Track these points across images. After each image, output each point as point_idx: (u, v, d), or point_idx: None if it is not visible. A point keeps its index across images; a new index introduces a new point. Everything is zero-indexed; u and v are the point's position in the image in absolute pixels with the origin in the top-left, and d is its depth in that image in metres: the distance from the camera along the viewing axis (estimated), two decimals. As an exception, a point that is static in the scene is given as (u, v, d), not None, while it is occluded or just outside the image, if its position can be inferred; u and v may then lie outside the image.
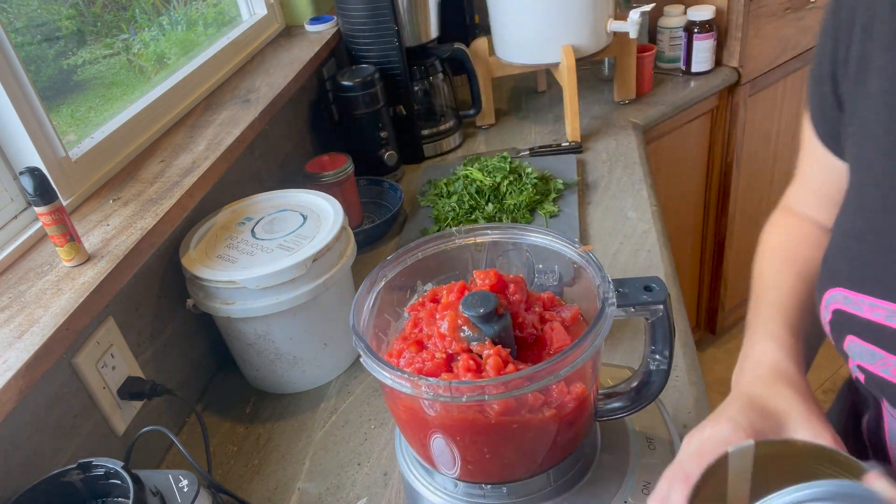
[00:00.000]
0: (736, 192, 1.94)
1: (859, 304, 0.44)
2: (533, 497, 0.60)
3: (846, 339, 0.46)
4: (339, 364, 0.97)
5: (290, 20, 1.57)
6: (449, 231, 0.65)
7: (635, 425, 0.67)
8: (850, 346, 0.46)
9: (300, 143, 1.39)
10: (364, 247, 1.23)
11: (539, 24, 1.36)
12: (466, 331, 0.54)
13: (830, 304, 0.47)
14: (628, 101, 1.62)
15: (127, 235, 0.80)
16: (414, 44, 1.44)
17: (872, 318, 0.43)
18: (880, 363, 0.43)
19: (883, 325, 0.42)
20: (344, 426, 0.89)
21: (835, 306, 0.46)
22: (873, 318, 0.43)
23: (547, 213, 1.20)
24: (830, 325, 0.48)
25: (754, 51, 1.71)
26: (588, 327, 0.52)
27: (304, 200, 0.98)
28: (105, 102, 1.05)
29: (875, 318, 0.43)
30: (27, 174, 0.70)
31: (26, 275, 0.76)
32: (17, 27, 0.90)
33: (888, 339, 0.42)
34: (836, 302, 0.46)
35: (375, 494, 0.78)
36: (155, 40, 1.21)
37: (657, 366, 0.59)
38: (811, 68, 0.58)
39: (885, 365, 0.42)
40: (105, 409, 0.78)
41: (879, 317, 0.42)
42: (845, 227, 0.48)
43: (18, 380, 0.62)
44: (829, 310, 0.47)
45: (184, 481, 0.62)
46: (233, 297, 0.85)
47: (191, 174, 0.93)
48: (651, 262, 1.06)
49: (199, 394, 0.99)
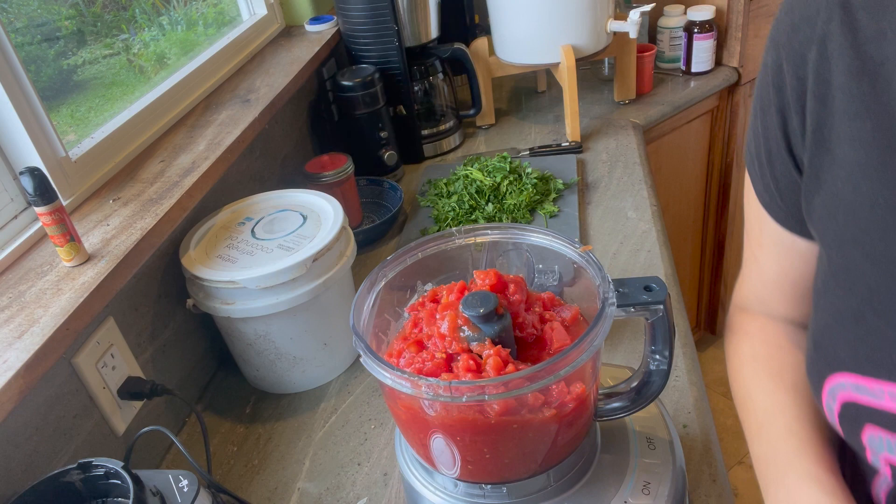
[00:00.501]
0: (736, 192, 1.94)
1: (876, 393, 0.41)
2: (533, 497, 0.60)
3: (864, 433, 0.43)
4: (339, 364, 0.97)
5: (290, 20, 1.57)
6: (449, 231, 0.65)
7: (635, 425, 0.67)
8: (870, 440, 0.42)
9: (300, 143, 1.39)
10: (364, 247, 1.23)
11: (539, 24, 1.36)
12: (466, 331, 0.54)
13: (837, 394, 0.44)
14: (628, 101, 1.62)
15: (127, 235, 0.80)
16: (414, 44, 1.44)
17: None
18: None
19: None
20: (344, 426, 0.89)
21: (844, 397, 0.44)
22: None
23: (547, 213, 1.20)
24: (840, 417, 0.45)
25: (754, 51, 1.71)
26: (588, 327, 0.52)
27: (304, 200, 0.98)
28: (105, 102, 1.05)
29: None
30: (27, 174, 0.70)
31: (26, 275, 0.76)
32: (17, 27, 0.90)
33: None
34: (845, 391, 0.43)
35: (375, 494, 0.78)
36: (155, 40, 1.21)
37: (657, 366, 0.59)
38: (749, 154, 0.55)
39: None
40: (105, 409, 0.78)
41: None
42: (837, 307, 0.45)
43: (18, 380, 0.62)
44: (837, 401, 0.44)
45: (184, 481, 0.62)
46: (233, 297, 0.85)
47: (191, 174, 0.93)
48: (651, 262, 1.06)
49: (199, 394, 0.99)
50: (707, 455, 0.75)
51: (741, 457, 1.98)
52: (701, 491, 0.71)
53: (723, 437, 2.04)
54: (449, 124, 1.53)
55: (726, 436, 2.04)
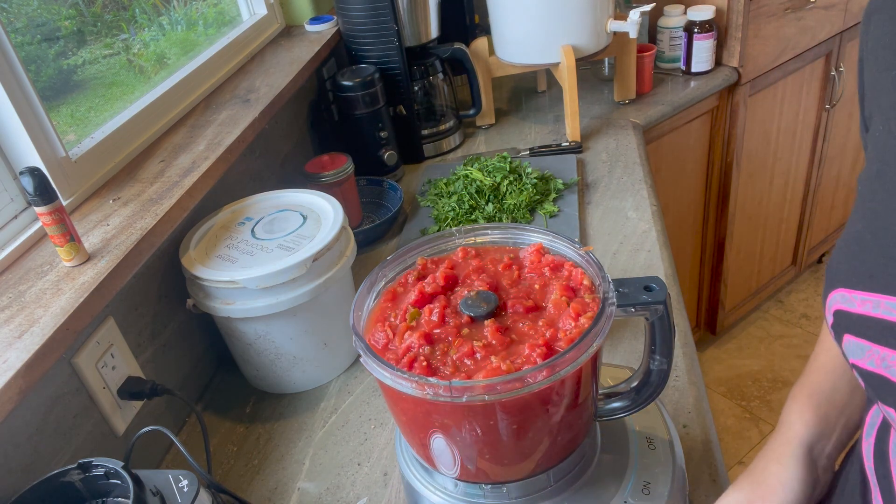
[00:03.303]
0: (736, 192, 1.94)
1: (853, 301, 0.44)
2: (533, 497, 0.60)
3: (844, 340, 0.46)
4: (339, 364, 0.97)
5: (290, 20, 1.57)
6: (449, 231, 0.65)
7: (635, 425, 0.67)
8: (847, 345, 0.46)
9: (300, 143, 1.39)
10: (364, 247, 1.23)
11: (539, 24, 1.36)
12: None
13: (832, 306, 0.47)
14: (628, 101, 1.62)
15: (127, 235, 0.80)
16: (414, 44, 1.44)
17: (863, 312, 0.44)
18: (867, 356, 0.43)
19: (869, 317, 0.43)
20: (344, 426, 0.89)
21: (835, 307, 0.47)
22: (864, 312, 0.43)
23: (547, 213, 1.20)
24: (833, 328, 0.48)
25: (754, 51, 1.71)
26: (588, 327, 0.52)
27: (304, 200, 0.98)
28: (105, 102, 1.05)
29: (865, 312, 0.43)
30: (27, 174, 0.70)
31: (26, 275, 0.76)
32: (17, 27, 0.90)
33: (873, 330, 0.42)
34: (836, 303, 0.47)
35: (375, 494, 0.78)
36: (155, 40, 1.21)
37: (657, 366, 0.59)
38: None
39: (870, 357, 0.43)
40: (105, 409, 0.78)
41: (867, 309, 0.43)
42: (848, 231, 0.49)
43: (18, 380, 0.62)
44: (831, 312, 0.48)
45: (184, 481, 0.62)
46: (233, 297, 0.85)
47: (191, 174, 0.93)
48: (651, 262, 1.06)
49: (199, 394, 0.99)
50: (707, 455, 0.75)
51: (741, 457, 1.98)
52: (701, 491, 0.71)
53: (723, 437, 2.04)
54: (449, 124, 1.53)
55: (726, 436, 2.04)
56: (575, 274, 0.58)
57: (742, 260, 2.15)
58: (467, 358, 0.52)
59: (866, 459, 0.51)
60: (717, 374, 2.25)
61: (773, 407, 2.12)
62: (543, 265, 0.60)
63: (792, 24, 1.76)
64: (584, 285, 0.57)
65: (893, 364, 0.41)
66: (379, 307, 0.60)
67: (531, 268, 0.60)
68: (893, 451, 0.47)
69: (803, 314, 2.44)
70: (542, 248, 0.61)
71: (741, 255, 2.13)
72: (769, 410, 2.11)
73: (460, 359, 0.52)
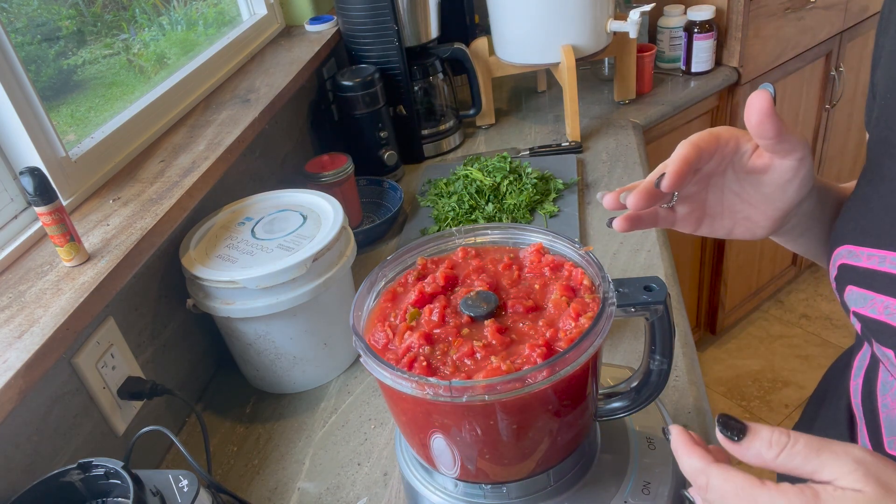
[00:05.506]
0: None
1: (859, 256, 0.49)
2: (533, 497, 0.60)
3: (846, 290, 0.50)
4: (339, 364, 0.97)
5: (290, 20, 1.57)
6: (449, 231, 0.65)
7: (635, 425, 0.67)
8: (849, 295, 0.50)
9: (300, 143, 1.39)
10: (364, 247, 1.23)
11: (539, 24, 1.36)
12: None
13: (837, 261, 0.51)
14: (628, 101, 1.62)
15: (127, 235, 0.80)
16: (414, 44, 1.44)
17: (869, 266, 0.48)
18: (870, 304, 0.48)
19: (875, 271, 0.48)
20: (344, 426, 0.89)
21: (840, 262, 0.51)
22: (869, 266, 0.48)
23: (547, 213, 1.20)
24: (836, 280, 0.52)
25: (754, 51, 1.71)
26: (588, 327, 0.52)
27: (304, 200, 0.98)
28: (105, 102, 1.05)
29: (870, 266, 0.48)
30: (27, 174, 0.70)
31: (26, 275, 0.76)
32: (17, 27, 0.90)
33: (878, 282, 0.47)
34: (842, 258, 0.51)
35: (375, 494, 0.78)
36: (155, 40, 1.21)
37: (657, 366, 0.59)
38: None
39: (873, 305, 0.48)
40: (105, 409, 0.78)
41: (873, 264, 0.48)
42: (856, 194, 0.53)
43: (18, 380, 0.62)
44: (836, 266, 0.52)
45: (184, 481, 0.62)
46: (233, 297, 0.85)
47: (191, 174, 0.93)
48: (651, 262, 1.06)
49: (199, 394, 0.99)
50: (707, 455, 0.75)
51: (741, 457, 1.98)
52: (701, 491, 0.71)
53: (723, 437, 2.04)
54: (449, 124, 1.53)
55: (726, 436, 2.04)
56: (575, 274, 0.58)
57: (742, 260, 2.15)
58: (467, 358, 0.52)
59: (853, 397, 0.56)
60: (717, 374, 2.26)
61: (773, 407, 2.12)
62: (543, 265, 0.60)
63: (792, 24, 1.76)
64: (584, 285, 0.57)
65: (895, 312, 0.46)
66: (379, 307, 0.60)
67: (531, 268, 0.60)
68: (881, 389, 0.52)
69: (803, 314, 2.44)
70: (542, 248, 0.61)
71: (741, 255, 2.13)
72: (769, 410, 2.11)
73: (460, 359, 0.52)
